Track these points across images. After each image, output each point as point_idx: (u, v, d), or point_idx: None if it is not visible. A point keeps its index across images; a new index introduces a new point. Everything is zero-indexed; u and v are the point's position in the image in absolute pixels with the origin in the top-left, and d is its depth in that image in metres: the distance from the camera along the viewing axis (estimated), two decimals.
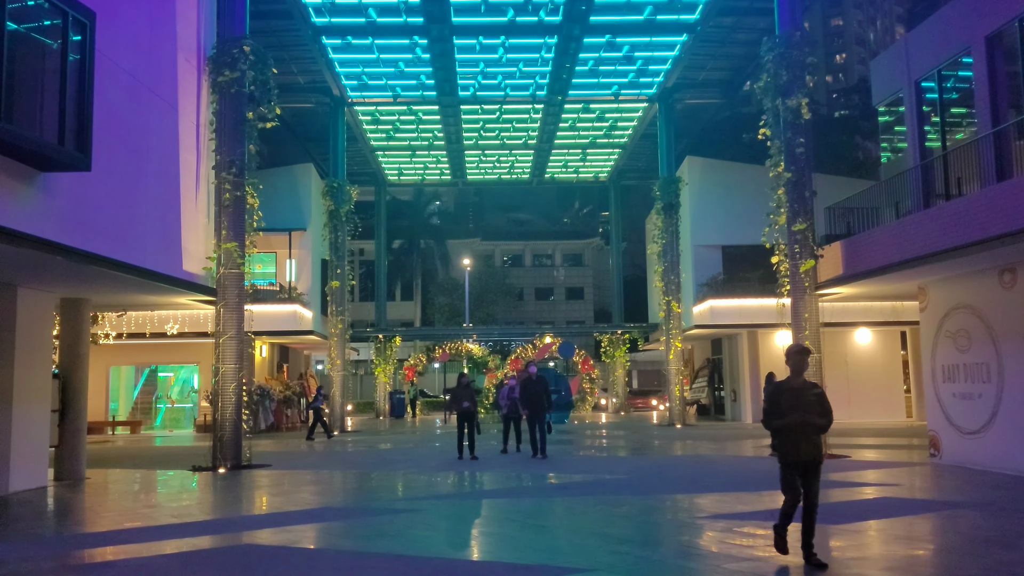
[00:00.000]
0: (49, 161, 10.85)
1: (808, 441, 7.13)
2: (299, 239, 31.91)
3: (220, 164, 16.83)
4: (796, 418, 7.06)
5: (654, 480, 13.26)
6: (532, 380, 16.79)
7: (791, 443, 7.16)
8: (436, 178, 41.80)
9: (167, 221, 15.24)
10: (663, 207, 29.76)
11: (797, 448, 7.15)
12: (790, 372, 7.29)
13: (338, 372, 29.38)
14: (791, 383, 7.26)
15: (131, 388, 34.36)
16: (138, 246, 13.76)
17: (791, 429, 7.11)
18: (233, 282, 16.69)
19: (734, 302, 29.38)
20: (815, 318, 17.31)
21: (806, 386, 7.23)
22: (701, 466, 15.47)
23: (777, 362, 30.50)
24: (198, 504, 11.34)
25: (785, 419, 7.11)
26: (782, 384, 7.36)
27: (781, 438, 7.26)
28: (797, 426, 7.08)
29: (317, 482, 14.07)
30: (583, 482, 12.98)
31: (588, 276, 79.54)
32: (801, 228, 17.24)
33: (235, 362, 16.55)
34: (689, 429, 27.43)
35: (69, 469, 15.10)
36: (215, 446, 16.35)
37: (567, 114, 32.27)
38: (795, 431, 7.11)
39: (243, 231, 16.94)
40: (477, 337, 43.38)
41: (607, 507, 10.52)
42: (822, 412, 7.14)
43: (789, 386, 7.26)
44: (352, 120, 32.31)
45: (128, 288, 14.89)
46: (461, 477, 14.16)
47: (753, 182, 32.30)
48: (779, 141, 17.63)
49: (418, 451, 19.97)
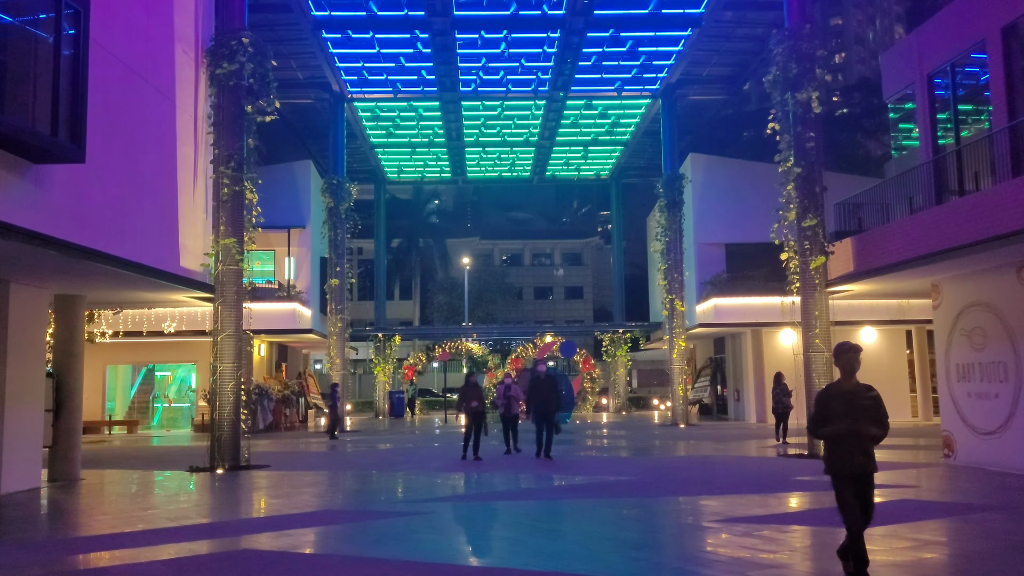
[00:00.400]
0: (42, 152, 10.49)
1: (861, 451, 6.35)
2: (298, 237, 31.55)
3: (218, 158, 16.47)
4: (845, 425, 6.32)
5: (663, 481, 12.92)
6: (541, 379, 16.39)
7: (842, 453, 6.38)
8: (436, 176, 41.44)
9: (164, 216, 14.88)
10: (666, 204, 29.42)
11: (849, 458, 6.36)
12: (840, 373, 6.50)
13: (337, 371, 29.02)
14: (842, 385, 6.47)
15: (128, 387, 33.98)
16: (134, 241, 13.40)
17: (842, 438, 6.36)
18: (231, 279, 16.33)
19: (739, 300, 29.04)
20: (825, 316, 16.98)
21: (859, 389, 6.43)
22: (709, 467, 15.13)
23: (783, 361, 30.23)
24: (195, 506, 10.99)
25: (833, 426, 6.38)
26: (832, 387, 6.58)
27: (830, 447, 6.49)
28: (848, 434, 6.33)
29: (317, 483, 13.71)
30: (591, 484, 12.64)
31: (587, 275, 79.33)
32: (811, 224, 16.90)
33: (233, 360, 16.19)
34: (692, 429, 27.10)
35: (63, 470, 14.74)
36: (213, 446, 15.99)
37: (569, 110, 31.94)
38: (846, 440, 6.35)
39: (242, 227, 16.59)
40: (477, 336, 43.07)
41: (618, 510, 10.18)
42: (877, 418, 6.37)
43: (840, 389, 6.47)
44: (352, 116, 31.95)
45: (124, 284, 14.54)
46: (466, 478, 13.81)
47: (757, 179, 32.00)
48: (788, 135, 17.30)
49: (419, 451, 19.62)
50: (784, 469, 14.46)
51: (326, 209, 29.43)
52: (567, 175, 41.77)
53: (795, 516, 9.66)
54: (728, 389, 34.00)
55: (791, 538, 8.26)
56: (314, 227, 31.74)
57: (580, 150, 37.39)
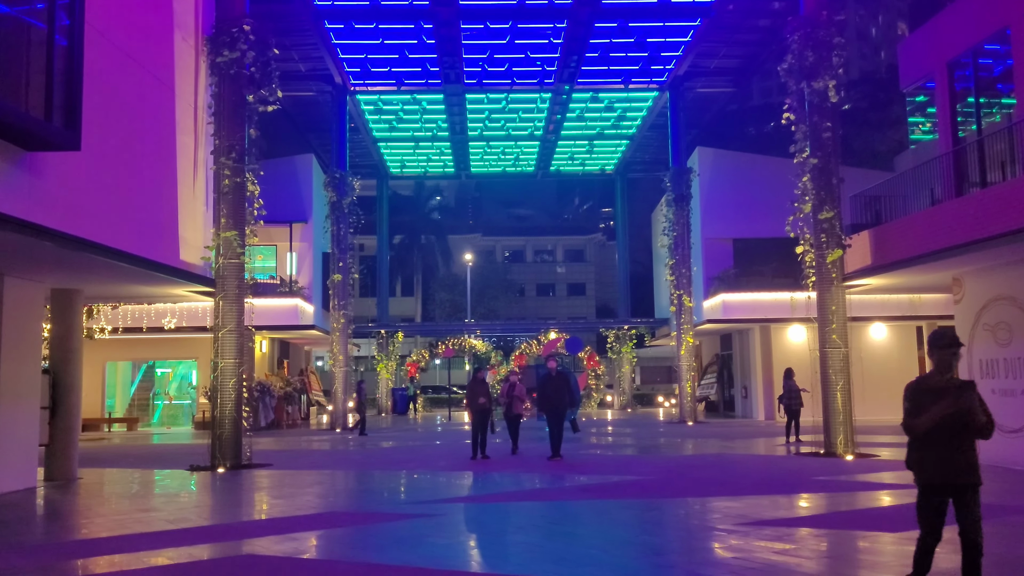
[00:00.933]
0: (35, 139, 10.06)
1: (962, 454, 5.29)
2: (300, 232, 31.13)
3: (219, 149, 16.03)
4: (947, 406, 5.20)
5: (679, 481, 12.48)
6: (552, 376, 15.89)
7: (937, 457, 5.29)
8: (439, 170, 40.99)
9: (163, 207, 14.45)
10: (674, 198, 28.97)
11: (948, 464, 5.27)
12: (933, 368, 5.48)
13: (340, 368, 28.59)
14: (932, 381, 5.44)
15: (128, 384, 33.58)
16: (132, 233, 12.98)
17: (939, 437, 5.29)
18: (232, 273, 15.89)
19: (747, 296, 28.61)
20: (842, 311, 16.54)
21: (956, 385, 5.36)
22: (724, 466, 14.69)
23: (791, 358, 29.77)
24: (196, 507, 10.57)
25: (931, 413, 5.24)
26: (923, 381, 5.51)
27: (923, 449, 5.37)
28: (947, 432, 5.27)
29: (321, 483, 13.29)
30: (604, 484, 12.20)
31: (590, 272, 78.98)
32: (828, 216, 16.45)
33: (235, 357, 15.77)
34: (701, 427, 26.67)
35: (60, 469, 14.31)
36: (214, 445, 15.56)
37: (575, 103, 31.47)
38: (943, 440, 5.28)
39: (243, 219, 16.15)
40: (480, 332, 42.65)
41: (637, 512, 9.75)
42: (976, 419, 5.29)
43: (931, 385, 5.41)
44: (354, 109, 31.49)
45: (122, 278, 14.10)
46: (474, 478, 13.38)
47: (765, 174, 31.56)
48: (804, 126, 16.84)
49: (425, 449, 19.21)
50: (802, 468, 14.04)
51: (328, 203, 28.99)
52: (571, 170, 41.28)
53: (825, 519, 9.22)
54: (735, 386, 33.55)
55: (824, 543, 7.83)
56: (316, 222, 31.32)
57: (585, 144, 36.92)
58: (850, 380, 16.40)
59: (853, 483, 11.92)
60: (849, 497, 10.59)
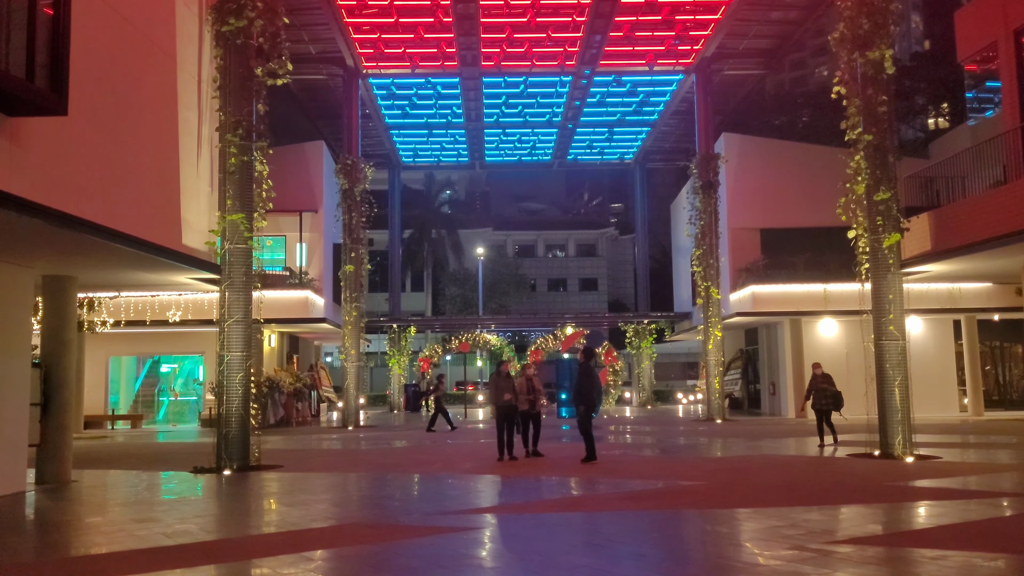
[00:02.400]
0: (16, 102, 8.88)
1: None
2: (310, 221, 29.95)
3: (224, 125, 14.80)
4: None
5: (737, 487, 11.20)
6: (584, 369, 14.55)
7: None
8: (453, 159, 39.71)
9: (164, 187, 13.25)
10: (701, 186, 27.64)
11: None
12: None
13: (352, 363, 27.37)
14: None
15: (132, 380, 32.47)
16: (130, 213, 11.78)
17: None
18: (239, 259, 14.67)
19: (778, 288, 27.33)
20: (900, 300, 15.23)
21: None
22: (780, 469, 13.40)
23: (822, 352, 28.45)
24: (198, 518, 9.36)
25: None
26: None
27: None
28: None
29: (337, 488, 12.07)
30: (656, 490, 10.93)
31: (602, 267, 78.10)
32: (884, 198, 15.13)
33: (242, 349, 14.56)
34: (730, 425, 25.39)
35: (52, 471, 13.14)
36: (219, 445, 14.36)
37: (596, 87, 30.19)
38: None
39: (251, 201, 14.93)
40: (495, 327, 41.46)
41: (705, 526, 8.49)
42: None
43: None
44: (366, 95, 30.27)
45: (119, 262, 12.90)
46: (504, 483, 12.14)
47: (794, 161, 30.25)
48: (857, 100, 15.52)
49: (444, 449, 17.98)
50: (864, 472, 12.75)
51: (340, 191, 27.75)
52: (589, 159, 39.96)
53: (930, 535, 7.94)
54: (762, 382, 32.23)
55: (953, 569, 6.57)
56: (327, 211, 30.13)
57: (604, 132, 35.62)
58: (908, 375, 15.09)
59: (933, 490, 10.64)
60: (941, 508, 9.32)
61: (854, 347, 29.07)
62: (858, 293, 27.22)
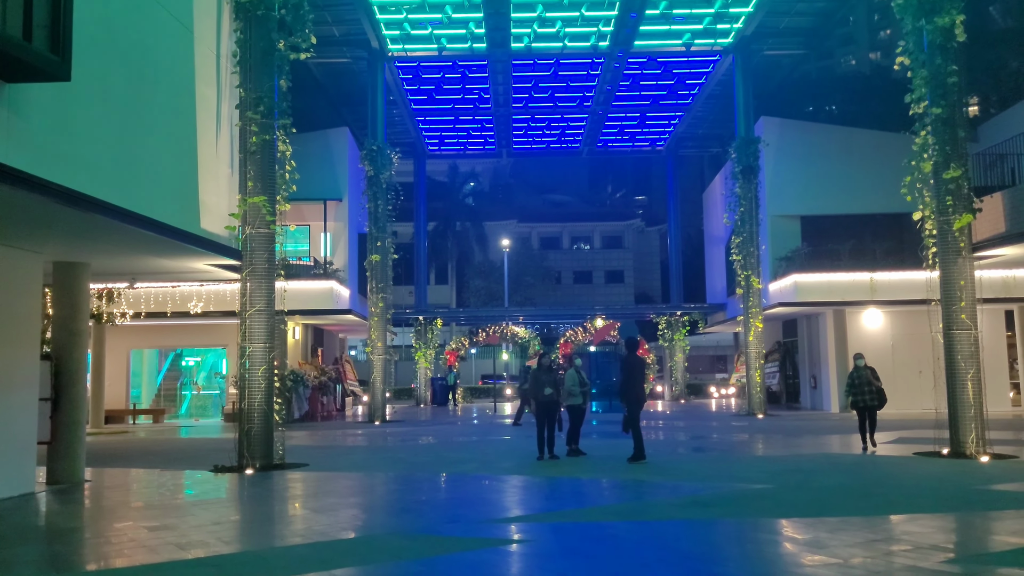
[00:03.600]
0: (14, 64, 8.00)
1: None
2: (334, 211, 29.06)
3: (245, 102, 13.90)
4: None
5: (811, 492, 10.12)
6: (630, 362, 13.49)
7: None
8: (479, 148, 38.70)
9: (181, 166, 12.36)
10: (741, 170, 26.47)
11: None
12: None
13: (379, 356, 26.47)
14: None
15: (154, 373, 31.83)
16: (144, 193, 10.89)
17: None
18: (262, 244, 13.78)
19: (822, 277, 26.09)
20: (971, 287, 14.08)
21: None
22: (846, 470, 12.31)
23: (867, 343, 27.23)
24: (216, 525, 8.46)
25: None
26: None
27: None
28: None
29: (368, 490, 11.15)
30: (721, 495, 9.86)
31: (628, 259, 77.16)
32: (954, 176, 13.98)
33: (265, 340, 13.67)
34: (772, 420, 24.26)
35: (64, 471, 12.31)
36: (241, 442, 13.48)
37: (629, 70, 29.06)
38: None
39: (274, 183, 14.02)
40: (523, 319, 40.48)
41: (795, 538, 7.45)
42: None
43: None
44: (391, 79, 29.34)
45: (133, 247, 12.04)
46: (551, 485, 11.16)
47: (837, 146, 28.96)
48: (924, 71, 14.36)
49: (479, 447, 17.03)
50: (941, 474, 11.64)
51: (366, 178, 26.83)
52: (620, 146, 38.80)
53: None
54: (802, 376, 31.02)
55: None
56: (351, 201, 29.24)
57: (636, 118, 34.47)
58: (982, 367, 13.94)
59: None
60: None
61: (900, 339, 27.93)
62: (908, 282, 26.23)
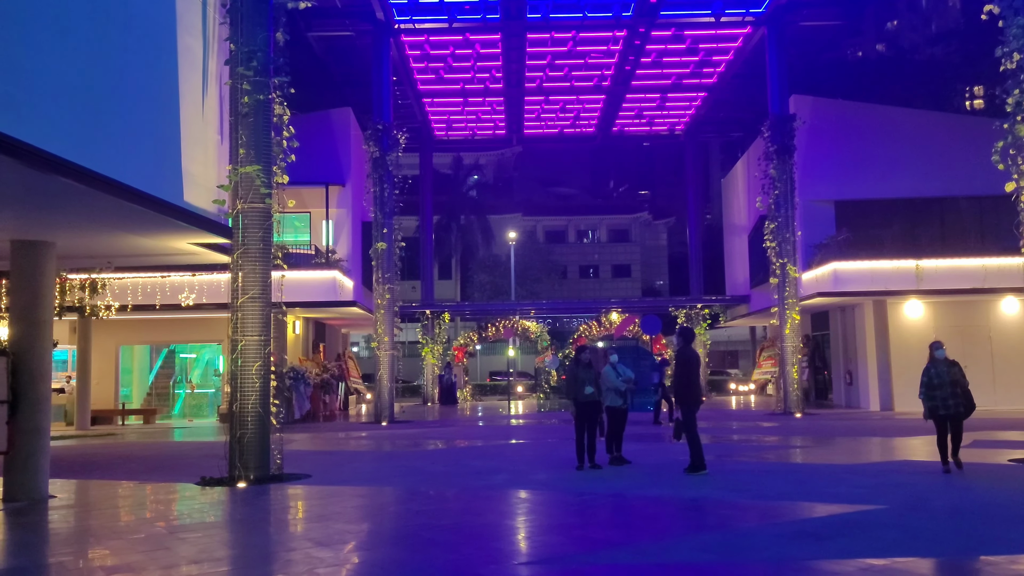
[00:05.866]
0: None
1: None
2: (337, 196, 27.12)
3: (236, 56, 11.98)
4: None
5: (936, 515, 8.13)
6: (683, 357, 11.56)
7: None
8: (489, 132, 36.74)
9: (160, 127, 10.47)
10: (776, 150, 24.55)
11: None
12: None
13: (385, 352, 24.59)
14: None
15: (146, 371, 29.93)
16: (115, 156, 9.03)
17: None
18: (256, 221, 11.87)
19: (864, 265, 24.19)
20: None
21: None
22: (953, 485, 10.27)
23: (908, 336, 25.32)
24: (194, 563, 6.58)
25: None
26: None
27: None
28: None
29: (382, 511, 9.25)
30: (830, 522, 7.81)
31: (635, 253, 75.84)
32: None
33: (259, 333, 11.77)
34: (812, 419, 22.38)
35: (23, 485, 10.43)
36: (232, 450, 11.59)
37: (652, 43, 27.10)
38: None
39: (269, 150, 12.10)
40: (534, 313, 38.60)
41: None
42: None
43: None
44: (397, 56, 27.42)
45: (104, 220, 10.17)
46: (608, 505, 9.26)
47: (875, 126, 27.06)
48: (1021, 18, 12.46)
49: (503, 452, 15.14)
50: None
51: (370, 160, 24.90)
52: (637, 130, 36.83)
53: None
54: (836, 371, 29.11)
55: None
56: (355, 185, 27.34)
57: (656, 98, 32.52)
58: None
59: None
60: None
61: (943, 332, 25.96)
62: (956, 270, 24.36)
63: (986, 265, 23.70)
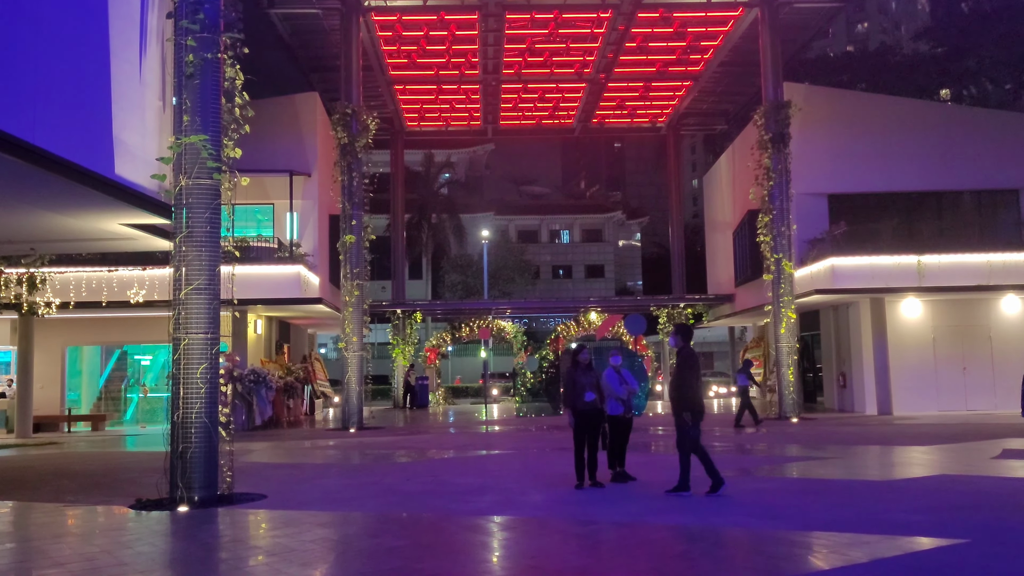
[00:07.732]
0: None
1: None
2: (302, 187, 25.33)
3: (180, 8, 10.26)
4: None
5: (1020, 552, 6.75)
6: (684, 359, 9.95)
7: None
8: (463, 123, 35.05)
9: (85, 86, 8.77)
10: (770, 139, 23.18)
11: None
12: None
13: (354, 352, 22.85)
14: None
15: (96, 374, 27.94)
16: (29, 116, 7.33)
17: None
18: (202, 200, 10.14)
19: (863, 260, 22.90)
20: None
21: None
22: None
23: (906, 335, 24.11)
24: None
25: None
26: None
27: None
28: None
29: (350, 547, 7.59)
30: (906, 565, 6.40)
31: (608, 253, 75.25)
32: None
33: (206, 330, 10.06)
34: (812, 424, 21.01)
35: None
36: (173, 467, 9.87)
37: (638, 27, 25.63)
38: None
39: (218, 118, 10.37)
40: (511, 312, 37.05)
41: None
42: None
43: None
44: (368, 37, 25.71)
45: (17, 195, 8.45)
46: (625, 537, 7.69)
47: (871, 116, 25.77)
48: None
49: (488, 464, 13.55)
50: None
51: (339, 146, 23.17)
52: (618, 122, 35.36)
53: None
54: (830, 373, 27.81)
55: None
56: (322, 175, 25.57)
57: (639, 87, 31.06)
58: None
59: None
60: None
61: (943, 331, 24.87)
62: (958, 266, 23.10)
63: (991, 261, 22.54)
